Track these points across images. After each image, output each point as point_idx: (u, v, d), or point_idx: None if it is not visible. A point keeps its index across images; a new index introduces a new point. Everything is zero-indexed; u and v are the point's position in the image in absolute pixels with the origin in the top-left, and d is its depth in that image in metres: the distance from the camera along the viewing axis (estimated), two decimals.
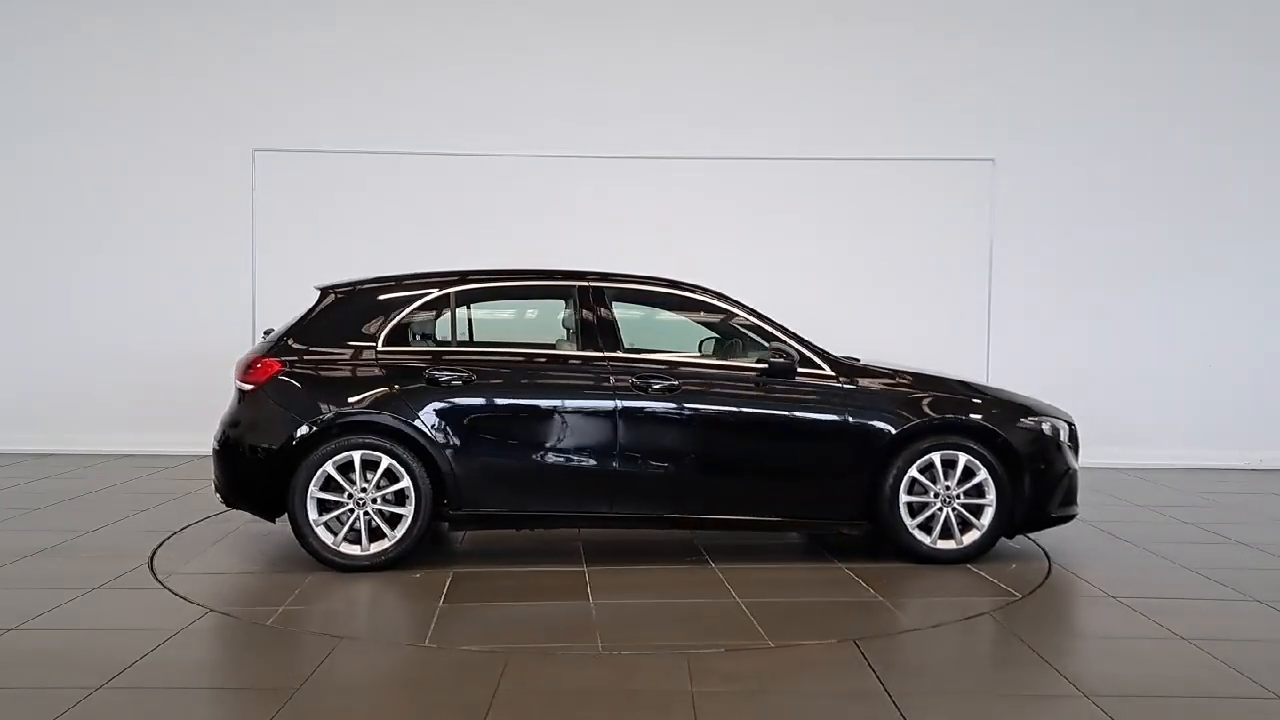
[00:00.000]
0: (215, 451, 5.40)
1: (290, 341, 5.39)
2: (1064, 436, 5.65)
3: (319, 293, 5.57)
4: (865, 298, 9.07)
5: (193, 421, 8.08)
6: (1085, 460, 8.60)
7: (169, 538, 5.86)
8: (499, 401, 5.38)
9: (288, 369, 5.29)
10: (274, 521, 5.42)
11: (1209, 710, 3.59)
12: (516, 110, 9.11)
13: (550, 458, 5.33)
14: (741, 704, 3.58)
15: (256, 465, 5.24)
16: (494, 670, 3.84)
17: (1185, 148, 9.17)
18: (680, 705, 3.53)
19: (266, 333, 5.68)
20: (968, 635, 4.43)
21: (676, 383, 5.39)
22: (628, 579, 5.19)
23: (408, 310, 5.48)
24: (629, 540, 5.87)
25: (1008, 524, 5.51)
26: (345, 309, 5.49)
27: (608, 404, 5.33)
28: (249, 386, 5.32)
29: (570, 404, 5.35)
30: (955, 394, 5.60)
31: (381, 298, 5.52)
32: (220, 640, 4.34)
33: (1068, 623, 4.61)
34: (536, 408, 5.36)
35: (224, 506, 5.62)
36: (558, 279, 5.76)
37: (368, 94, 9.12)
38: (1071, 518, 5.75)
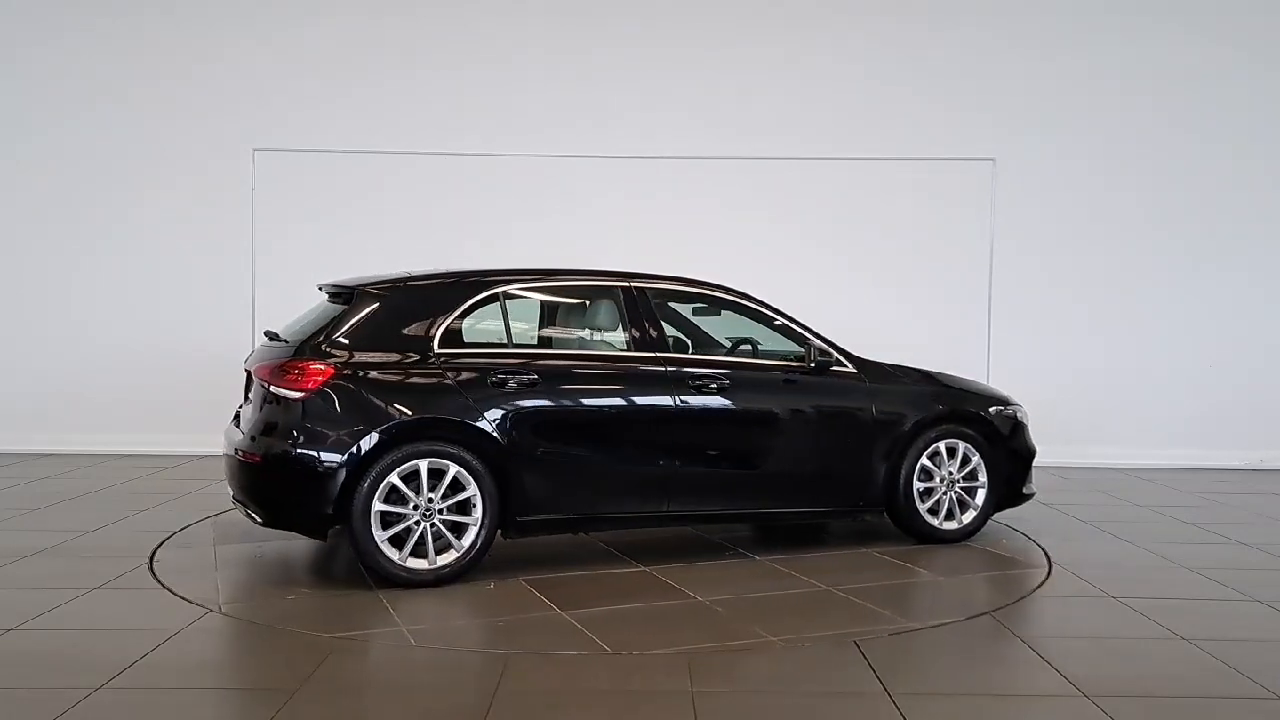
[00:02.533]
0: (251, 467, 4.92)
1: (327, 344, 4.95)
2: (1027, 422, 6.24)
3: (354, 293, 5.17)
4: (865, 297, 9.06)
5: (192, 421, 8.13)
6: (1086, 460, 8.79)
7: (169, 538, 5.85)
8: (565, 403, 5.21)
9: (342, 374, 4.88)
10: (325, 539, 5.09)
11: (1209, 710, 3.59)
12: (517, 110, 9.11)
13: (615, 459, 5.30)
14: (741, 704, 3.58)
15: (312, 480, 4.76)
16: (494, 670, 3.84)
17: (1185, 147, 9.17)
18: (680, 705, 3.53)
19: (270, 335, 5.38)
20: (968, 635, 4.43)
21: (728, 382, 5.49)
22: (705, 575, 5.22)
23: (460, 310, 5.17)
24: (648, 540, 5.87)
25: (994, 503, 6.03)
26: (389, 309, 5.12)
27: (667, 403, 5.34)
28: (296, 394, 4.82)
29: (633, 404, 5.33)
30: (951, 387, 6.11)
31: (430, 297, 5.20)
32: (220, 640, 4.34)
33: (1068, 623, 4.60)
34: (602, 409, 5.30)
35: (242, 515, 5.16)
36: (603, 279, 5.64)
37: (367, 94, 9.12)
38: (1033, 495, 6.27)
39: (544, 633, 4.31)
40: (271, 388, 4.92)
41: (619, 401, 5.32)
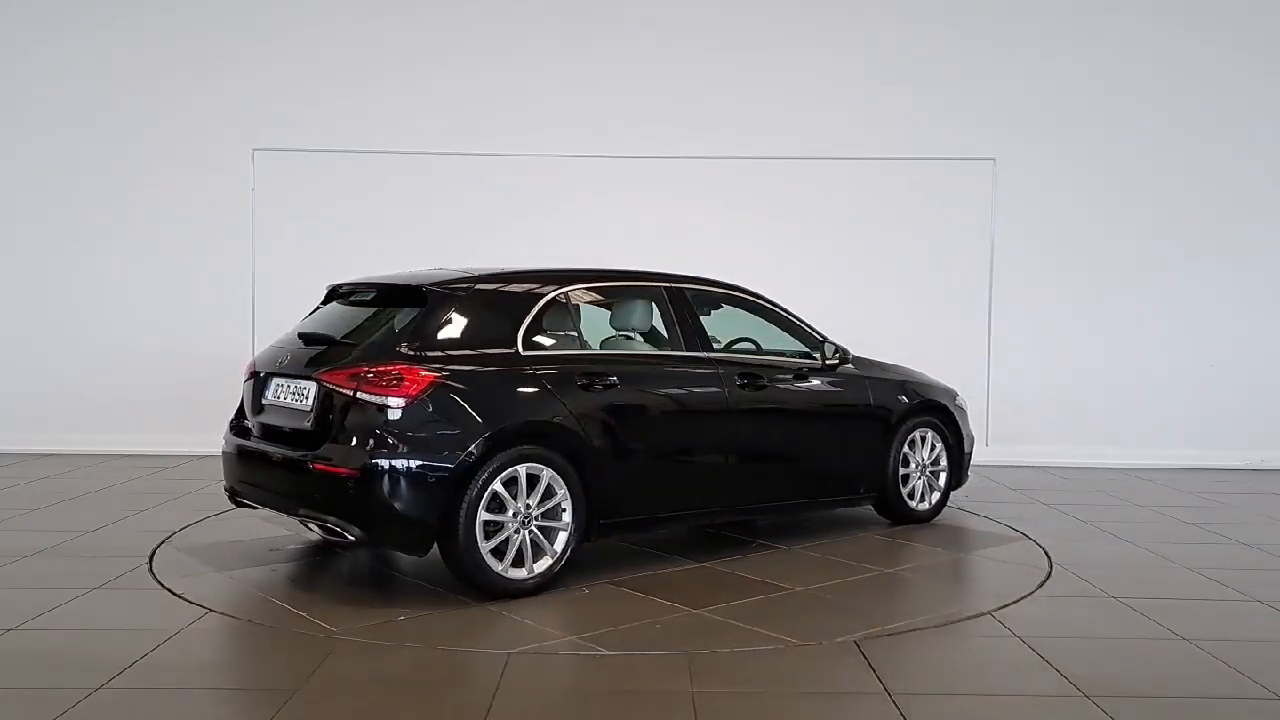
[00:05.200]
0: (341, 480, 4.51)
1: (409, 347, 4.68)
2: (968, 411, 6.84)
3: (422, 292, 4.91)
4: (865, 297, 9.07)
5: (192, 421, 8.13)
6: (1086, 460, 8.80)
7: (169, 538, 5.85)
8: (644, 403, 5.21)
9: (442, 378, 4.62)
10: (423, 556, 4.72)
11: (1209, 710, 3.59)
12: (517, 110, 9.11)
13: (686, 457, 5.40)
14: (741, 704, 3.58)
15: (421, 492, 4.50)
16: (494, 670, 3.84)
17: (1185, 148, 9.17)
18: (680, 705, 3.53)
19: (310, 337, 5.03)
20: (968, 635, 4.43)
21: (764, 380, 5.70)
22: (769, 566, 5.36)
23: (535, 310, 5.04)
24: (669, 538, 5.89)
25: (953, 485, 6.62)
26: (470, 310, 4.93)
27: (726, 401, 5.48)
28: (397, 401, 4.52)
29: (701, 403, 5.42)
30: (918, 380, 6.55)
31: (509, 298, 5.07)
32: (220, 640, 4.33)
33: (1068, 623, 4.60)
34: (676, 408, 5.35)
35: (339, 541, 4.80)
36: (651, 280, 5.67)
37: (368, 94, 9.13)
38: (968, 479, 6.85)
39: (706, 633, 4.29)
40: (359, 394, 4.57)
41: (690, 400, 5.40)
